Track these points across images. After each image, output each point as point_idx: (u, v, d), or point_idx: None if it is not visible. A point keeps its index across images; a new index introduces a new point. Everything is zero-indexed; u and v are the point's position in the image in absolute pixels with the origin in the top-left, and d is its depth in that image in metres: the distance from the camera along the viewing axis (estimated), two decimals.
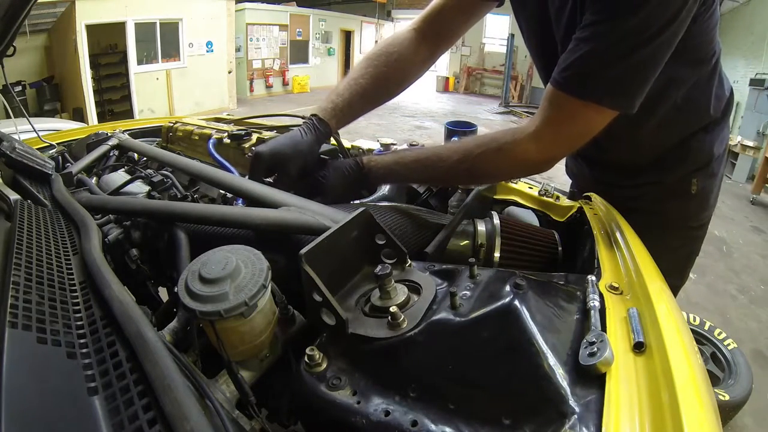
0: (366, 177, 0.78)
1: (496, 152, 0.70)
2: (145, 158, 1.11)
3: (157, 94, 8.20)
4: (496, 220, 0.73)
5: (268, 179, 0.81)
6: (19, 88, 6.30)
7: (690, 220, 0.92)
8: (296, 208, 0.63)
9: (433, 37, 0.94)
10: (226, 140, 1.08)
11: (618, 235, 0.66)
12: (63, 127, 2.45)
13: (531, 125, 0.69)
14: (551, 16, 0.75)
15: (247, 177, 0.84)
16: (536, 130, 0.68)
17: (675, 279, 0.53)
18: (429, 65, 0.98)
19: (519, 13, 0.87)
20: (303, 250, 0.44)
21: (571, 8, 0.69)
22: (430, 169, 0.76)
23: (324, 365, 0.43)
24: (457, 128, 1.40)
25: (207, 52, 8.90)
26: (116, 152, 1.15)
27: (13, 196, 0.67)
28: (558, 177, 1.21)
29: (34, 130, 1.23)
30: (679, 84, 0.77)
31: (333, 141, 1.02)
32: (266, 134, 1.08)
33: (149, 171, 0.93)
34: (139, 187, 0.90)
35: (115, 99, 8.11)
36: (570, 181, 1.15)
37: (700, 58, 0.76)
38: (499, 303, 0.41)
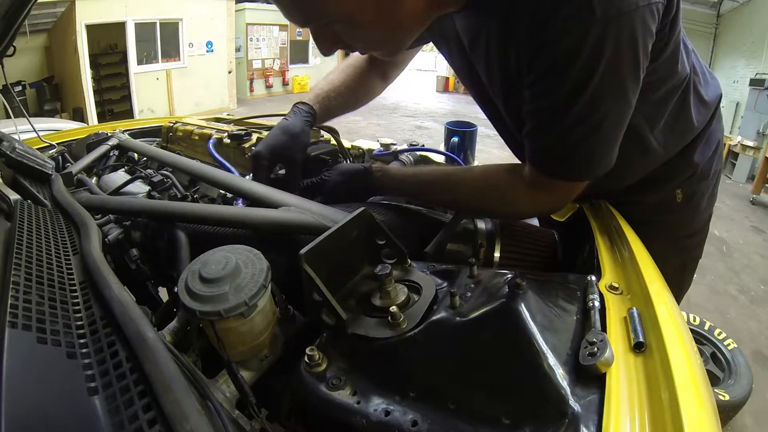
0: (372, 186, 0.78)
1: (498, 202, 0.72)
2: (145, 158, 1.11)
3: (157, 94, 8.21)
4: (497, 220, 0.73)
5: (278, 173, 0.82)
6: (19, 88, 6.31)
7: (678, 229, 0.88)
8: (296, 208, 0.63)
9: (381, 66, 1.03)
10: (226, 140, 1.08)
11: (618, 235, 0.65)
12: (63, 127, 2.45)
13: (527, 184, 0.67)
14: (481, 75, 0.71)
15: (248, 177, 0.84)
16: (529, 191, 0.68)
17: (672, 290, 0.52)
18: (386, 85, 1.08)
19: (449, 63, 0.85)
20: (303, 250, 0.44)
21: (501, 79, 0.65)
22: (436, 194, 0.77)
23: (324, 365, 0.43)
24: (457, 128, 1.40)
25: (207, 52, 8.91)
26: (116, 152, 1.15)
27: (13, 196, 0.66)
28: None
29: (34, 130, 1.23)
30: (653, 122, 0.73)
31: (333, 141, 1.02)
32: (266, 134, 1.08)
33: (149, 171, 0.93)
34: (139, 187, 0.90)
35: (115, 99, 8.11)
36: None
37: (668, 89, 0.70)
38: (498, 303, 0.41)
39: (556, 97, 0.56)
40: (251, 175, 0.83)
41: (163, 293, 0.83)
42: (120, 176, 0.98)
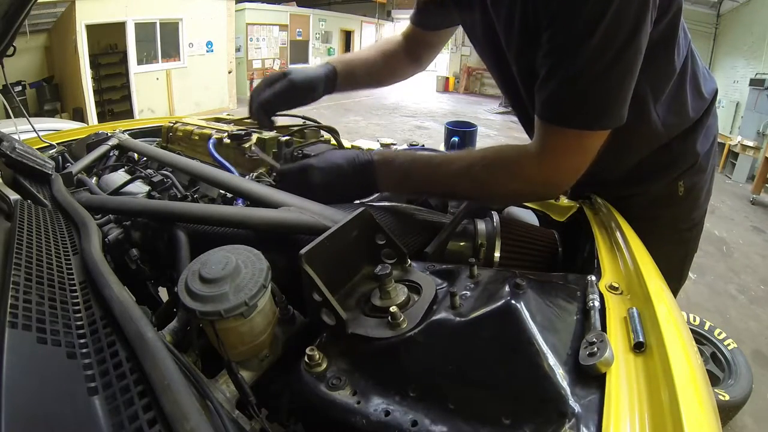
0: (370, 165, 0.74)
1: (507, 174, 0.70)
2: (145, 158, 1.11)
3: (157, 94, 8.20)
4: (496, 220, 0.72)
5: (273, 174, 0.82)
6: (19, 88, 6.30)
7: (680, 222, 0.90)
8: (296, 208, 0.63)
9: (415, 49, 1.05)
10: (226, 140, 1.08)
11: (618, 235, 0.65)
12: (63, 127, 2.45)
13: (533, 152, 0.67)
14: (502, 40, 0.73)
15: (248, 177, 0.84)
16: (538, 155, 0.66)
17: (672, 283, 0.52)
18: (418, 69, 1.09)
19: (470, 37, 0.88)
20: (303, 250, 0.44)
21: (519, 32, 0.66)
22: (442, 176, 0.73)
23: (324, 365, 0.43)
24: (457, 128, 1.40)
25: (207, 52, 8.90)
26: (116, 152, 1.15)
27: (13, 196, 0.66)
28: None
29: (34, 130, 1.23)
30: (657, 94, 0.74)
31: (333, 141, 1.02)
32: (266, 134, 1.08)
33: (149, 171, 0.93)
34: (139, 187, 0.90)
35: (115, 99, 8.11)
36: None
37: (670, 66, 0.73)
38: (498, 303, 0.41)
39: (570, 34, 0.58)
40: (251, 175, 0.83)
41: (163, 293, 0.83)
42: (120, 176, 0.98)
